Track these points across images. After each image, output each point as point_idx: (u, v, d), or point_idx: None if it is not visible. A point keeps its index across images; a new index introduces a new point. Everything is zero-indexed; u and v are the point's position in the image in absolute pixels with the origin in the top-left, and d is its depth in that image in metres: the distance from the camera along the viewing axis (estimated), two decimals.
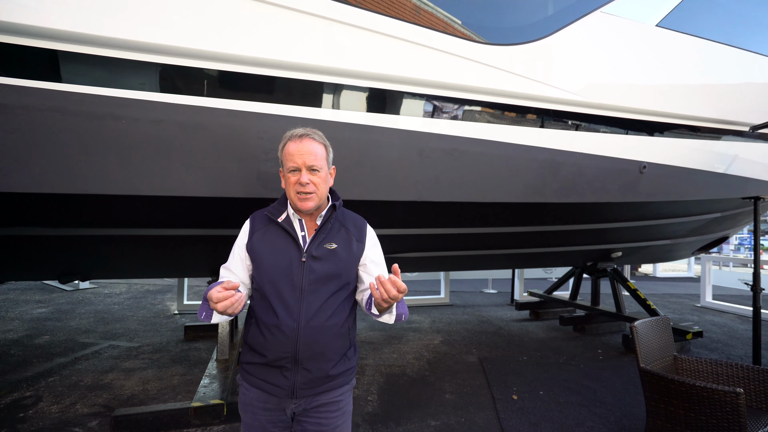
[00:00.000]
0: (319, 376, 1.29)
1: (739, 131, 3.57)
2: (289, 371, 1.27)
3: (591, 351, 4.61)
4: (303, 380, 1.28)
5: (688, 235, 4.89)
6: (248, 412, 1.34)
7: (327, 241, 1.33)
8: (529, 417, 2.98)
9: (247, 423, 1.35)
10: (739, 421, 1.97)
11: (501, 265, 5.36)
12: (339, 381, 1.34)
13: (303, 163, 1.28)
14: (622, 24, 2.81)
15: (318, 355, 1.28)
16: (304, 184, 1.28)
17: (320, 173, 1.31)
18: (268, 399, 1.31)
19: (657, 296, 8.35)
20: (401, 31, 2.13)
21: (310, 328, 1.26)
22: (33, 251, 2.66)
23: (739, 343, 4.95)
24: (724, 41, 3.28)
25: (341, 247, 1.34)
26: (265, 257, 1.31)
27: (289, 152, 1.31)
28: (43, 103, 1.70)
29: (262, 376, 1.31)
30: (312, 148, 1.30)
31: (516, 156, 2.60)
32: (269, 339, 1.27)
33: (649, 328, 2.64)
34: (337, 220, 1.39)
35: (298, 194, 1.30)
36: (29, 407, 3.00)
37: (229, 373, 3.33)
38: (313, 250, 1.30)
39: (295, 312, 1.26)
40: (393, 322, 1.30)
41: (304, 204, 1.30)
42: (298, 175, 1.29)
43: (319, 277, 1.28)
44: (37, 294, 7.17)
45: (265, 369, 1.30)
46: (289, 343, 1.25)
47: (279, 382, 1.28)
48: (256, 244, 1.33)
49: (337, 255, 1.32)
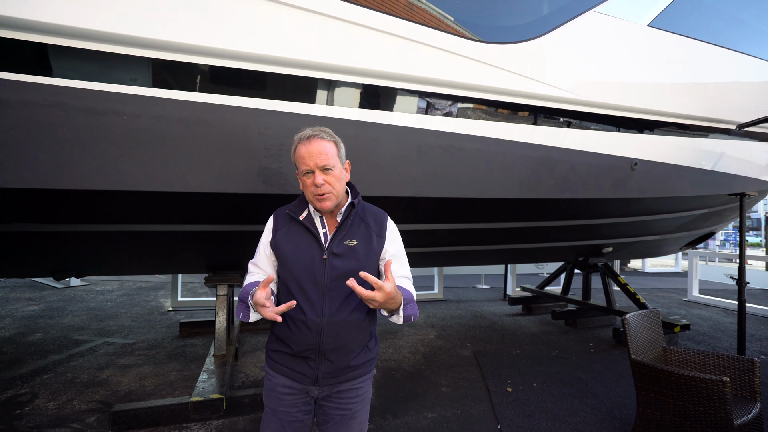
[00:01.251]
0: (341, 366, 1.35)
1: (726, 129, 3.67)
2: (314, 361, 1.33)
3: (582, 344, 4.71)
4: (326, 370, 1.33)
5: (676, 230, 5.01)
6: (273, 398, 1.39)
7: (347, 238, 1.35)
8: (523, 408, 3.05)
9: (272, 408, 1.39)
10: (725, 408, 2.05)
11: (495, 260, 5.44)
12: (360, 371, 1.40)
13: (315, 165, 1.29)
14: (615, 23, 2.87)
15: (341, 348, 1.33)
16: (319, 185, 1.29)
17: (334, 171, 1.32)
18: (293, 385, 1.36)
19: (646, 291, 8.52)
20: (402, 30, 2.16)
21: (333, 323, 1.31)
22: (28, 248, 2.64)
23: (725, 336, 5.09)
24: (712, 41, 3.37)
25: (361, 243, 1.36)
26: (288, 255, 1.34)
27: (300, 155, 1.32)
28: (42, 98, 1.70)
29: (288, 365, 1.36)
30: (322, 148, 1.31)
31: (511, 153, 2.65)
32: (295, 332, 1.32)
33: (639, 320, 2.72)
34: (357, 216, 1.40)
35: (315, 196, 1.31)
36: (25, 404, 2.98)
37: (227, 368, 3.34)
38: (334, 248, 1.33)
39: (319, 308, 1.30)
40: (401, 323, 1.30)
41: (322, 204, 1.32)
42: (312, 177, 1.30)
43: (341, 274, 1.30)
44: (27, 291, 7.08)
45: (291, 358, 1.35)
46: (313, 337, 1.30)
47: (304, 371, 1.34)
48: (279, 241, 1.37)
49: (357, 252, 1.34)
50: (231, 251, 3.10)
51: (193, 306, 6.27)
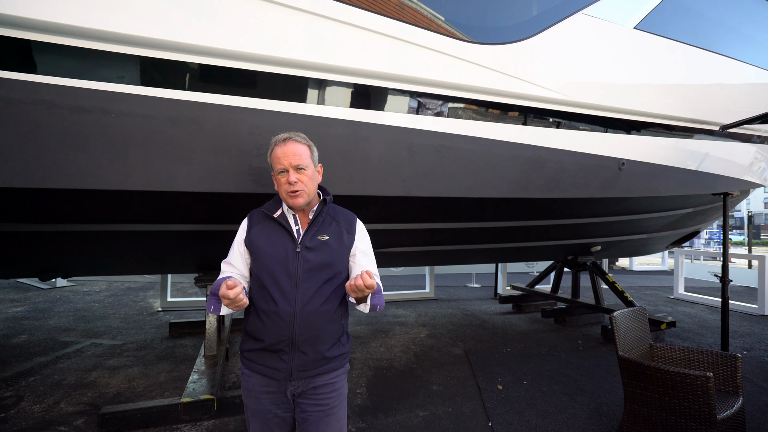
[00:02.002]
0: (314, 358, 1.39)
1: (709, 130, 3.75)
2: (287, 354, 1.37)
3: (571, 342, 4.77)
4: (300, 362, 1.38)
5: (662, 229, 5.10)
6: (252, 398, 1.44)
7: (319, 233, 1.44)
8: (513, 405, 3.09)
9: (251, 408, 1.44)
10: (709, 403, 2.10)
11: (486, 259, 5.48)
12: (334, 364, 1.45)
13: (289, 164, 1.41)
14: (603, 26, 2.91)
15: (313, 338, 1.38)
16: (292, 183, 1.40)
17: (306, 171, 1.43)
18: (269, 383, 1.41)
19: (633, 289, 8.67)
20: (393, 30, 2.17)
21: (306, 313, 1.37)
22: (13, 248, 2.59)
23: (709, 332, 5.20)
24: (696, 44, 3.44)
25: (333, 238, 1.45)
26: (263, 249, 1.41)
27: (276, 156, 1.43)
28: (28, 96, 1.67)
29: (262, 361, 1.40)
30: (296, 150, 1.42)
31: (502, 153, 2.68)
32: (268, 324, 1.37)
33: (627, 318, 2.77)
34: (328, 215, 1.50)
35: (288, 193, 1.41)
36: (10, 407, 2.93)
37: (217, 368, 3.32)
38: (306, 242, 1.41)
39: (292, 298, 1.36)
40: (368, 311, 1.40)
41: (294, 201, 1.42)
42: (286, 175, 1.41)
43: (313, 266, 1.39)
44: (11, 293, 6.94)
45: (264, 354, 1.40)
46: (286, 328, 1.36)
47: (278, 366, 1.38)
48: (254, 238, 1.44)
49: (329, 246, 1.43)
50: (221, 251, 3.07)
51: (183, 306, 6.20)
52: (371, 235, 1.58)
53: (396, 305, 6.76)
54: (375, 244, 1.62)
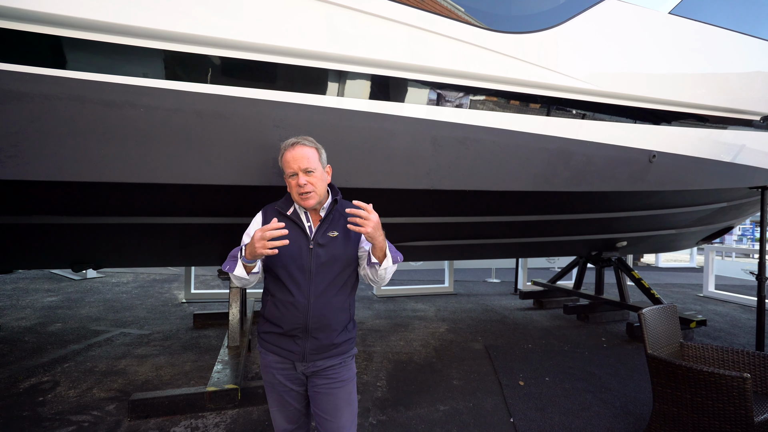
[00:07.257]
0: (325, 343, 1.51)
1: (748, 120, 3.56)
2: (301, 339, 1.50)
3: (595, 339, 4.67)
4: (312, 347, 1.50)
5: (693, 224, 4.90)
6: (268, 373, 1.58)
7: (330, 230, 1.54)
8: (535, 402, 3.04)
9: (268, 381, 1.59)
10: (746, 405, 2.01)
11: (508, 254, 5.40)
12: (342, 348, 1.57)
13: (299, 167, 1.50)
14: (635, 11, 2.79)
15: (325, 326, 1.50)
16: (302, 185, 1.49)
17: (315, 173, 1.52)
18: (284, 361, 1.55)
19: (660, 286, 8.40)
20: (413, 18, 2.13)
21: (319, 304, 1.49)
22: (49, 240, 2.69)
23: (742, 332, 5.00)
24: (736, 29, 3.26)
25: (342, 234, 1.55)
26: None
27: (286, 160, 1.53)
28: (62, 91, 1.71)
29: (278, 343, 1.53)
30: (304, 153, 1.52)
31: (527, 145, 2.61)
32: (284, 313, 1.49)
33: (656, 315, 2.68)
34: (337, 212, 1.58)
35: (299, 195, 1.51)
36: (47, 391, 3.07)
37: (240, 359, 3.39)
38: (318, 239, 1.52)
39: (306, 290, 1.48)
40: (392, 263, 1.50)
41: (306, 202, 1.52)
42: (296, 178, 1.50)
43: (324, 261, 1.50)
44: (45, 283, 7.25)
45: (281, 337, 1.52)
46: (301, 316, 1.48)
47: (292, 348, 1.51)
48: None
49: (338, 241, 1.54)
50: None
51: (206, 298, 6.36)
52: (391, 229, 1.59)
53: (415, 299, 6.75)
54: (396, 238, 1.62)
